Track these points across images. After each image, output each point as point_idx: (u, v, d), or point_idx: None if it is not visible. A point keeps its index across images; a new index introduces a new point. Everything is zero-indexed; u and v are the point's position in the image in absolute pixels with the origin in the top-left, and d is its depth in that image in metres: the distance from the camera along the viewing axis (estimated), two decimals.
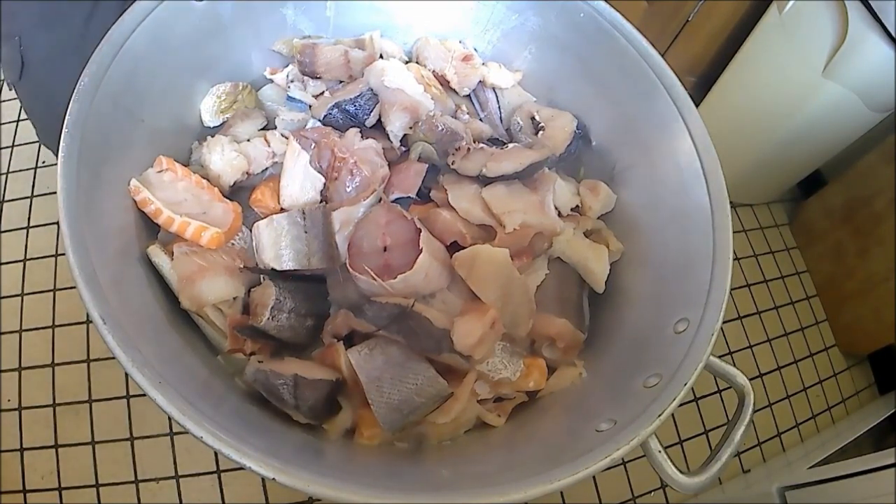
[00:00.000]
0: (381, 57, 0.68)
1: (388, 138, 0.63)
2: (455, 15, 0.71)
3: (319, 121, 0.62)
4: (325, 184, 0.57)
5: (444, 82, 0.70)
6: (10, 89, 0.73)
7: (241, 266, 0.53)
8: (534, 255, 0.60)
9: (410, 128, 0.63)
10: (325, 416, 0.50)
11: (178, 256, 0.51)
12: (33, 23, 0.67)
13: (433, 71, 0.70)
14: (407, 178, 0.60)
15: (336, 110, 0.62)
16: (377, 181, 0.57)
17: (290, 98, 0.65)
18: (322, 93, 0.66)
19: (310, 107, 0.64)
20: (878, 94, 1.11)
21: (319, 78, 0.65)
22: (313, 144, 0.58)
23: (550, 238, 0.60)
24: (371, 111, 0.62)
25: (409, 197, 0.60)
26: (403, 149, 0.64)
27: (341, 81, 0.66)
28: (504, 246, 0.55)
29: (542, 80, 0.72)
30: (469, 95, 0.72)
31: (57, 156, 0.44)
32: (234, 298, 0.52)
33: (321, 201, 0.57)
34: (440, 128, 0.62)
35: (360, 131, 0.61)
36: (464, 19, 0.72)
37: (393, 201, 0.58)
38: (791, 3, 1.15)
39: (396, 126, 0.62)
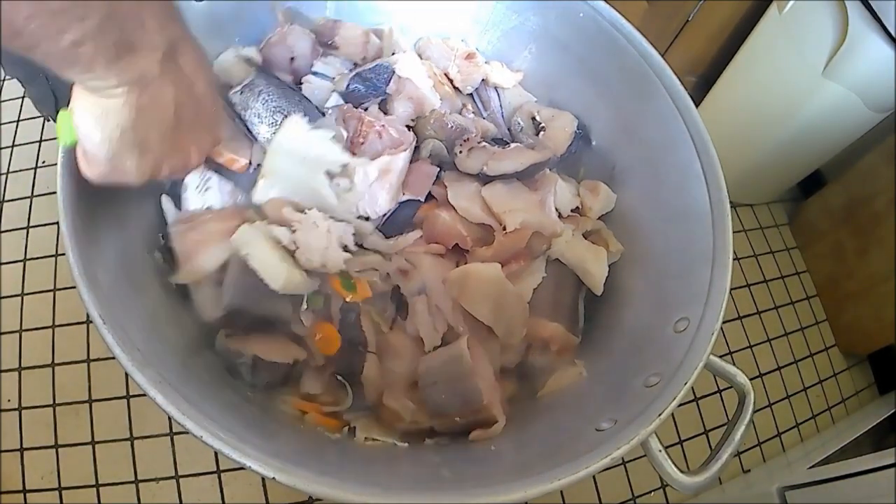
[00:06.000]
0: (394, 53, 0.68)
1: None
2: (455, 15, 0.71)
3: (341, 94, 0.63)
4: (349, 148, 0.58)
5: (447, 81, 0.70)
6: (48, 121, 0.73)
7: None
8: (532, 258, 0.60)
9: (413, 120, 0.63)
10: (277, 391, 0.53)
11: (176, 236, 0.52)
12: None
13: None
14: (418, 180, 0.60)
15: (357, 80, 0.63)
16: (407, 141, 0.58)
17: (314, 73, 0.65)
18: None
19: (333, 79, 0.65)
20: (878, 94, 1.11)
21: (335, 49, 0.66)
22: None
23: (550, 239, 0.60)
24: (389, 80, 0.63)
25: (417, 200, 0.60)
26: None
27: (356, 64, 0.67)
28: (502, 247, 0.56)
29: (542, 80, 0.72)
30: (471, 94, 0.72)
31: None
32: None
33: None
34: (450, 125, 0.62)
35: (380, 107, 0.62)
36: (464, 19, 0.72)
37: (402, 203, 0.58)
38: (791, 3, 1.15)
39: (400, 113, 0.63)
